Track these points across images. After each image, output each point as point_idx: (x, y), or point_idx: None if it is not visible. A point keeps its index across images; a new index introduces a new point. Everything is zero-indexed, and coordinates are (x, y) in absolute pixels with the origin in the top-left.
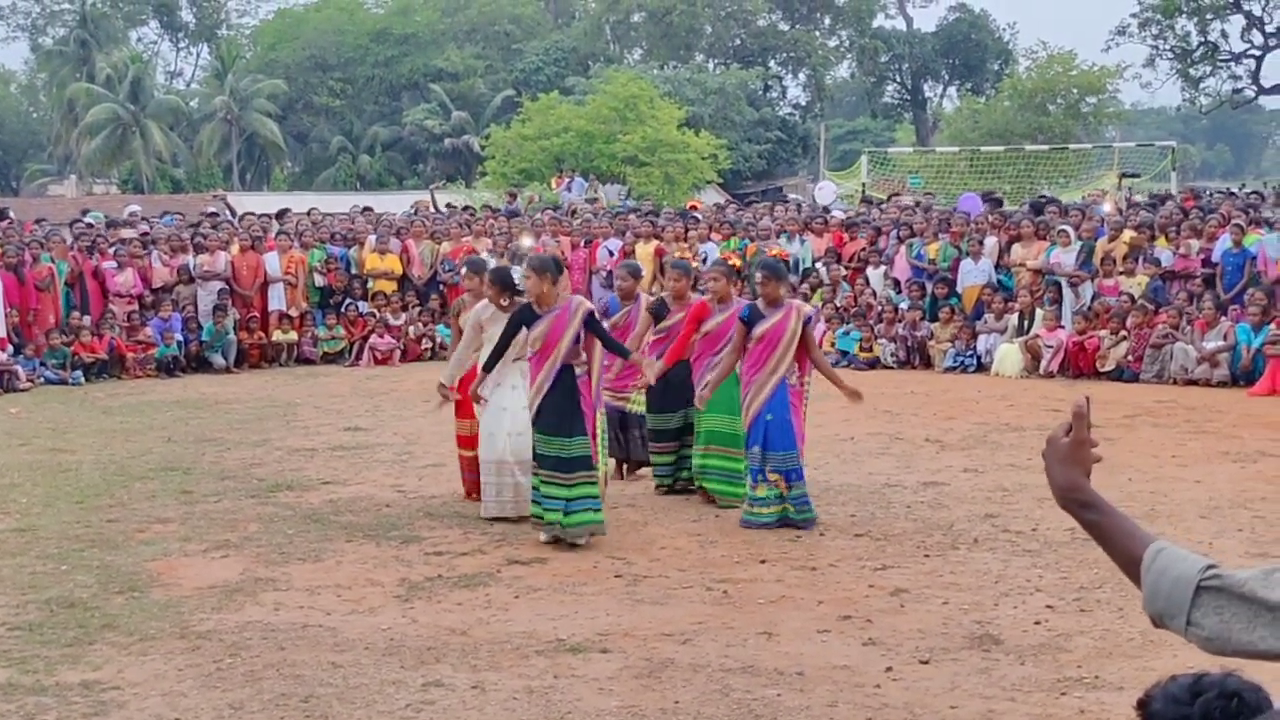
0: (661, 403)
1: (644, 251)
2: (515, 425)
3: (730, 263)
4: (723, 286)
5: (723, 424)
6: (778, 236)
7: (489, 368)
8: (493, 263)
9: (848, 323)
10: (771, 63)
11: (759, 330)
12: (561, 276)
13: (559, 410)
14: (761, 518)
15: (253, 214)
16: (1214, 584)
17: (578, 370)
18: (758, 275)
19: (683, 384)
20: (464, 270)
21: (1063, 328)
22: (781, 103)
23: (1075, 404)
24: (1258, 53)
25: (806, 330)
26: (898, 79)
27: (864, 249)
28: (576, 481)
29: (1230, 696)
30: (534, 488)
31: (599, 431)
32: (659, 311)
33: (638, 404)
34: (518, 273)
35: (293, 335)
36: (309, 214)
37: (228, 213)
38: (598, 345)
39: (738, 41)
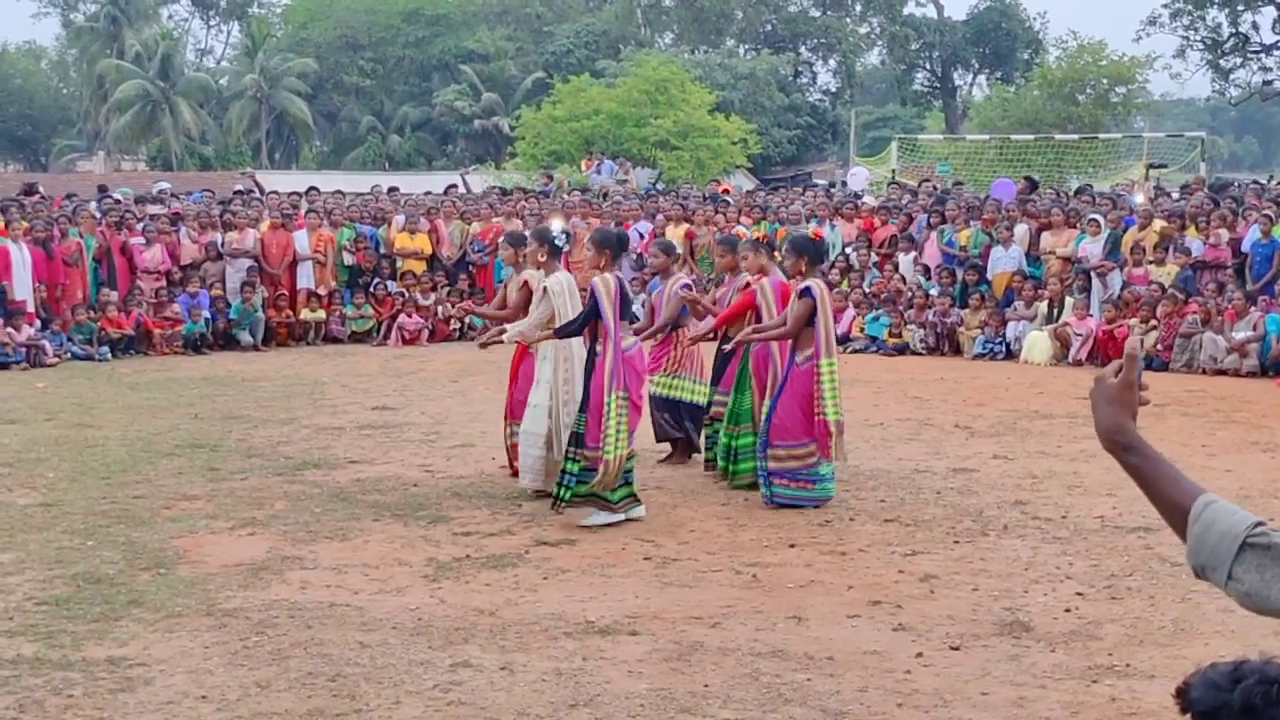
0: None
1: (674, 234)
2: (534, 395)
3: (755, 238)
4: (753, 261)
5: (730, 401)
6: (808, 221)
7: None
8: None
9: (877, 308)
10: (802, 49)
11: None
12: (621, 254)
13: (583, 387)
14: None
15: (276, 193)
16: (1260, 541)
17: (596, 349)
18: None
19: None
20: (502, 241)
21: (1092, 316)
22: (811, 89)
23: (1129, 346)
24: None
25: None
26: (928, 67)
27: (895, 235)
28: (573, 456)
29: (1271, 683)
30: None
31: (609, 413)
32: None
33: (660, 385)
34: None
35: (321, 314)
36: (334, 194)
37: (256, 191)
38: (609, 324)
39: (769, 27)
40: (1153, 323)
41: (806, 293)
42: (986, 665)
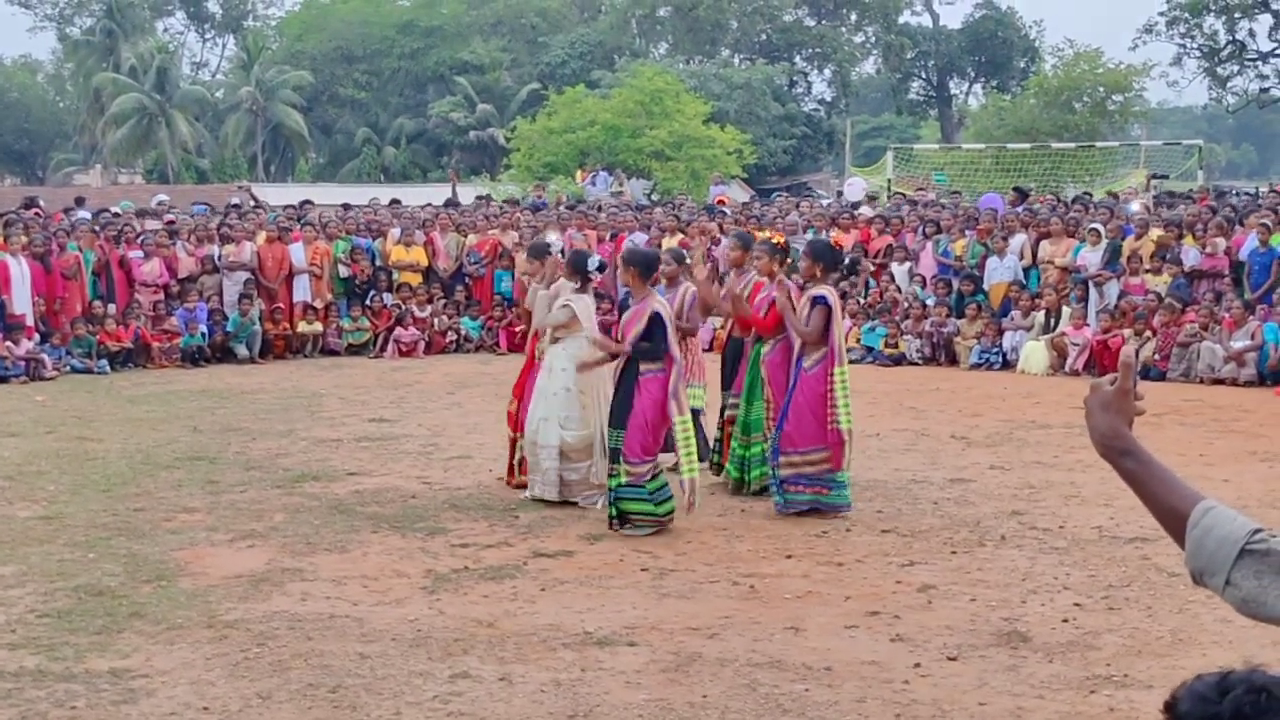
0: None
1: (668, 246)
2: (545, 409)
3: (774, 241)
4: (766, 264)
5: (741, 410)
6: (804, 231)
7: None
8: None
9: (873, 319)
10: (797, 58)
11: None
12: (652, 274)
13: (617, 402)
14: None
15: (262, 208)
16: (1259, 548)
17: (643, 368)
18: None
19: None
20: (526, 254)
21: (1089, 326)
22: (806, 98)
23: (1123, 354)
24: None
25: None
26: (923, 76)
27: (890, 245)
28: (613, 472)
29: (1260, 690)
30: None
31: (679, 436)
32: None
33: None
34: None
35: (318, 326)
36: (341, 207)
37: (252, 204)
38: (673, 347)
39: (763, 37)
40: (1147, 334)
41: (822, 300)
42: (984, 676)
